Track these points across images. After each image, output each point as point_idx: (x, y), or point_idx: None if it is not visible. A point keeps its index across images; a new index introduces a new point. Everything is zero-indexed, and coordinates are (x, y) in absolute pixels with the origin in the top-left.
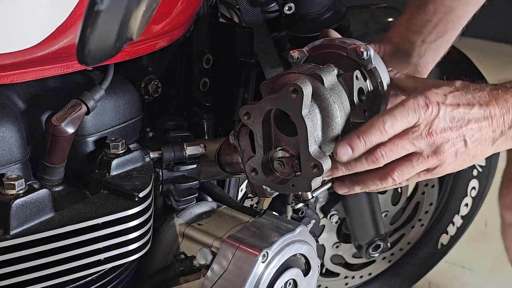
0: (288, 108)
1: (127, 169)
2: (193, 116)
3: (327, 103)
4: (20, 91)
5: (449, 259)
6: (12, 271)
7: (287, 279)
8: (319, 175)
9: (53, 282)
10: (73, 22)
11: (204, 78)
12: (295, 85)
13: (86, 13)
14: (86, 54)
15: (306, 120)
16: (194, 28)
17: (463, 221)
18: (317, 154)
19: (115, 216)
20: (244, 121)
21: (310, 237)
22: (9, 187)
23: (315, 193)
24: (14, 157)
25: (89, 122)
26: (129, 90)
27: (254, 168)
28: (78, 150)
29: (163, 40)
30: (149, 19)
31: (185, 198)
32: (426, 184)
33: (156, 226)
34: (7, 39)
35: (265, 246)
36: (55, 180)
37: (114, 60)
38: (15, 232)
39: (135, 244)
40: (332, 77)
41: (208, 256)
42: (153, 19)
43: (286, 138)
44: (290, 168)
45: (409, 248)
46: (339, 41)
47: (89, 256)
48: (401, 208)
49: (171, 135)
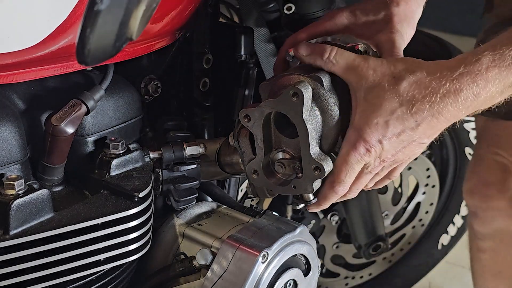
0: (289, 112)
1: (127, 169)
2: (193, 116)
3: (327, 105)
4: (19, 91)
5: (449, 259)
6: (12, 271)
7: (287, 279)
8: (321, 177)
9: (53, 282)
10: (73, 22)
11: (204, 78)
12: (296, 88)
13: (86, 13)
14: (85, 54)
15: (307, 123)
16: (194, 28)
17: (464, 221)
18: (319, 156)
19: (115, 216)
20: (244, 124)
21: (310, 237)
22: (9, 187)
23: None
24: (14, 157)
25: (89, 122)
26: (129, 90)
27: (255, 170)
28: (78, 150)
29: (163, 40)
30: (149, 19)
31: (185, 198)
32: (426, 184)
33: (156, 226)
34: (7, 39)
35: (265, 247)
36: (54, 180)
37: (114, 60)
38: (14, 232)
39: (135, 244)
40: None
41: (208, 256)
42: (153, 19)
43: (286, 140)
44: (291, 170)
45: (409, 248)
46: (337, 39)
47: (89, 257)
48: (401, 208)
49: (171, 135)
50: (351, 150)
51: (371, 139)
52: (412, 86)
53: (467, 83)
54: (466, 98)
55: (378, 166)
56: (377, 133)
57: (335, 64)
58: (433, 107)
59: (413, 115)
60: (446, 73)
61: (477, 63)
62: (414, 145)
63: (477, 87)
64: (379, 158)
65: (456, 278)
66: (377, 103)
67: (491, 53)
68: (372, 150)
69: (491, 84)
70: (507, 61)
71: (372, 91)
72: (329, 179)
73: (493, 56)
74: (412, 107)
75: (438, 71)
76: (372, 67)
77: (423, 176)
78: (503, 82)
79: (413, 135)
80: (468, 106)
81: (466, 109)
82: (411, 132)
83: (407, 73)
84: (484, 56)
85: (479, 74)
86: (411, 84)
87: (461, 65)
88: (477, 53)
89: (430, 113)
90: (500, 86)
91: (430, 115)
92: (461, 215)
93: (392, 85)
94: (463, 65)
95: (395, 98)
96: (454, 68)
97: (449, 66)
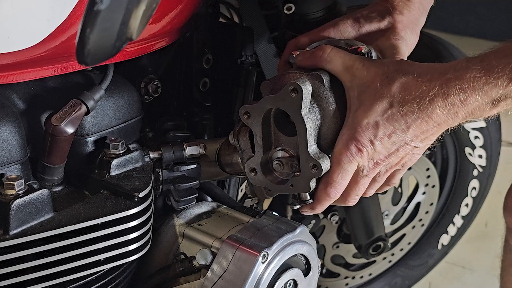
0: (288, 108)
1: (127, 169)
2: (193, 116)
3: (327, 103)
4: (19, 91)
5: (449, 259)
6: (12, 271)
7: (287, 279)
8: (318, 175)
9: (53, 282)
10: (73, 22)
11: (204, 78)
12: (295, 84)
13: (86, 12)
14: (85, 54)
15: (306, 120)
16: (194, 28)
17: (464, 221)
18: (316, 154)
19: (115, 216)
20: (244, 121)
21: (310, 237)
22: (9, 187)
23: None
24: (14, 157)
25: (89, 122)
26: (129, 90)
27: (253, 168)
28: (78, 150)
29: (163, 40)
30: (149, 19)
31: (185, 198)
32: (426, 184)
33: (156, 226)
34: (7, 39)
35: (265, 247)
36: (54, 180)
37: (114, 60)
38: (14, 232)
39: (135, 245)
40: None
41: (208, 256)
42: (153, 19)
43: (285, 138)
44: (289, 168)
45: (409, 248)
46: (340, 42)
47: (88, 257)
48: (401, 208)
49: (171, 135)
50: (343, 149)
51: (362, 138)
52: (403, 87)
53: (454, 88)
54: (453, 103)
55: (373, 169)
56: (368, 132)
57: (329, 62)
58: (422, 109)
59: (403, 116)
60: (436, 76)
61: (465, 70)
62: (407, 148)
63: (463, 93)
64: (372, 160)
65: (456, 278)
66: (369, 103)
67: (481, 63)
68: (363, 150)
69: (477, 93)
70: (495, 73)
71: (365, 91)
72: (323, 180)
73: (482, 66)
74: (402, 108)
75: (429, 74)
76: (366, 67)
77: (423, 176)
78: (491, 93)
79: (404, 137)
80: (456, 112)
81: (455, 115)
82: (402, 134)
83: (399, 74)
84: (473, 65)
85: (466, 81)
86: (402, 85)
87: (451, 70)
88: (468, 61)
89: (420, 116)
90: (489, 97)
91: (420, 118)
92: (461, 215)
93: (384, 86)
94: (453, 70)
95: (386, 99)
96: (444, 72)
97: (439, 70)
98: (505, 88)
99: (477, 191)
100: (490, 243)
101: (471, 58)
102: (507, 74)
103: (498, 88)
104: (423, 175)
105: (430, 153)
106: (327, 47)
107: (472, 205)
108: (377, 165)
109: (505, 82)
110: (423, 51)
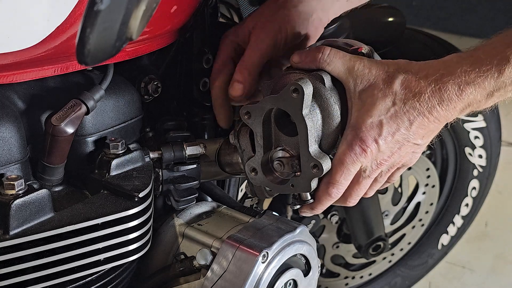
0: (289, 108)
1: (127, 169)
2: (193, 116)
3: (328, 104)
4: (19, 91)
5: (449, 259)
6: (12, 271)
7: (287, 279)
8: (319, 175)
9: (53, 282)
10: (73, 22)
11: (204, 78)
12: (296, 84)
13: (86, 12)
14: (85, 54)
15: (307, 120)
16: (194, 28)
17: (464, 221)
18: (317, 154)
19: (115, 216)
20: (245, 121)
21: (310, 237)
22: (9, 187)
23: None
24: (14, 157)
25: (89, 122)
26: (129, 90)
27: (253, 168)
28: (78, 150)
29: (163, 40)
30: (149, 19)
31: (185, 198)
32: (426, 184)
33: (156, 226)
34: (7, 39)
35: (265, 247)
36: (54, 180)
37: (114, 60)
38: (14, 232)
39: (135, 245)
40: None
41: (208, 256)
42: (153, 19)
43: (286, 138)
44: (290, 168)
45: (409, 248)
46: (340, 42)
47: (88, 257)
48: (401, 208)
49: (171, 135)
50: (347, 150)
51: (367, 138)
52: (404, 85)
53: (449, 83)
54: (450, 98)
55: (375, 170)
56: (373, 131)
57: (329, 64)
58: (423, 105)
59: (405, 113)
60: (431, 72)
61: (456, 65)
62: (409, 146)
63: (458, 88)
64: (375, 160)
65: (456, 278)
66: (371, 102)
67: (471, 58)
68: (368, 150)
69: (471, 86)
70: (484, 66)
71: (367, 90)
72: (325, 180)
73: (472, 60)
74: (404, 105)
75: (425, 70)
76: (367, 67)
77: (423, 176)
78: (484, 85)
79: (407, 134)
80: (455, 107)
81: (453, 109)
82: (405, 131)
83: (400, 72)
84: (463, 59)
85: (457, 75)
86: (403, 83)
87: (443, 66)
88: (459, 56)
89: (421, 112)
90: (483, 90)
91: (422, 114)
92: (461, 215)
93: (385, 84)
94: (445, 66)
95: (389, 97)
96: (438, 68)
97: (434, 66)
98: (496, 80)
99: (477, 191)
100: (490, 243)
101: (462, 53)
102: (495, 66)
103: (490, 80)
104: (423, 175)
105: (430, 153)
106: (326, 48)
107: (472, 205)
108: (380, 166)
109: (495, 74)
110: (423, 51)
